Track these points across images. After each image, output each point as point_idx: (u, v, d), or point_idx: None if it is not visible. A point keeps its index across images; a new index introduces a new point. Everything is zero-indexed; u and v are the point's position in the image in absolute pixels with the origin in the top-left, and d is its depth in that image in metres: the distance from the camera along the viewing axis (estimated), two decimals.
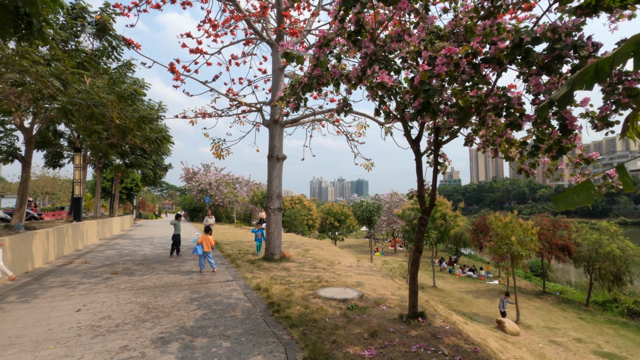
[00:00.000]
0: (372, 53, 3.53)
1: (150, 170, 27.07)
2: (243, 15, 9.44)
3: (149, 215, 53.84)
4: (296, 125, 10.90)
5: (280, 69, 10.38)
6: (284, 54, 3.86)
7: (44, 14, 5.51)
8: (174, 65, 8.47)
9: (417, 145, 4.81)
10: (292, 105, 5.30)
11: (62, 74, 7.67)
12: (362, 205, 26.74)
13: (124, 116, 10.82)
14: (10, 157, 10.95)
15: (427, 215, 4.76)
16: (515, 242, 15.76)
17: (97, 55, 12.25)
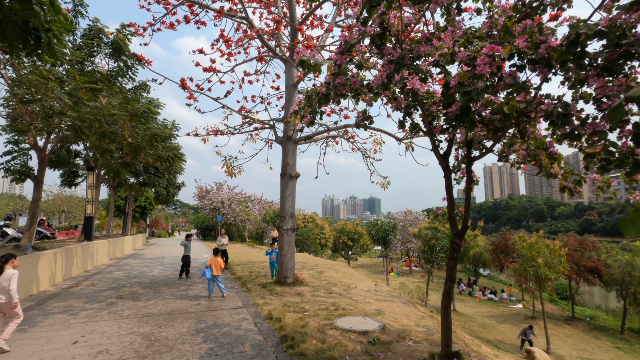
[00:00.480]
0: (399, 57, 3.13)
1: (163, 188, 27.12)
2: (256, 31, 9.30)
3: (162, 234, 53.96)
4: (310, 142, 10.55)
5: (294, 85, 10.14)
6: (300, 62, 3.50)
7: (53, 29, 5.37)
8: (184, 81, 8.31)
9: (446, 162, 4.33)
10: (306, 120, 4.92)
11: (73, 90, 7.58)
12: (377, 225, 25.95)
13: (136, 134, 10.72)
14: (23, 176, 10.91)
15: (460, 240, 4.22)
16: (542, 264, 14.78)
17: (113, 75, 12.35)
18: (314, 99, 3.83)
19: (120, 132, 10.46)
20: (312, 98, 3.89)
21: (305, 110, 5.13)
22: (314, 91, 3.84)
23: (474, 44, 2.83)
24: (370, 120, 4.41)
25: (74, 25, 6.09)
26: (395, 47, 3.43)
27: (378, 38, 3.24)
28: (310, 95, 3.88)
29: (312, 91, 3.88)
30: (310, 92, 3.88)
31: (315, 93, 3.77)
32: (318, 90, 3.71)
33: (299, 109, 5.13)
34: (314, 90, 3.84)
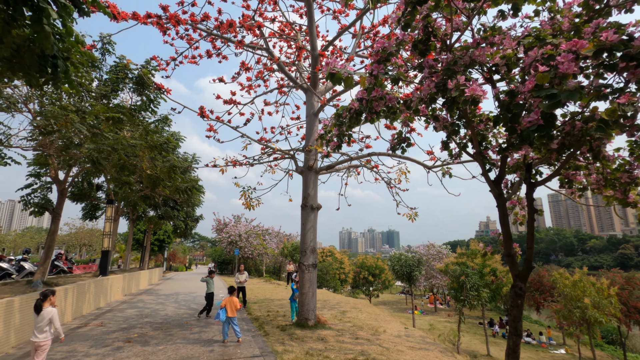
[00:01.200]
0: (450, 62, 2.64)
1: (181, 221, 26.97)
2: (277, 59, 9.18)
3: (179, 267, 53.49)
4: (331, 172, 10.07)
5: (315, 114, 9.86)
6: (330, 75, 3.06)
7: (72, 58, 5.23)
8: (204, 109, 8.14)
9: (499, 188, 3.69)
10: (333, 144, 4.44)
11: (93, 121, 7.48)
12: (401, 259, 24.66)
13: (154, 166, 10.55)
14: (41, 209, 10.83)
15: (524, 283, 3.47)
16: (590, 305, 13.26)
17: (136, 109, 12.50)
18: (345, 117, 3.35)
19: (139, 165, 10.32)
20: (341, 117, 3.42)
21: (331, 133, 4.66)
22: (345, 108, 3.37)
23: (547, 40, 2.32)
24: (408, 142, 3.88)
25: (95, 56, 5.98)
26: (440, 54, 2.95)
27: (421, 44, 2.78)
28: (340, 113, 3.40)
29: (342, 109, 3.41)
30: (340, 109, 3.41)
31: (346, 110, 3.29)
32: (350, 106, 3.24)
33: (324, 132, 4.67)
34: (345, 108, 3.37)
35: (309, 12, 9.50)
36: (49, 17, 3.31)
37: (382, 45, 2.76)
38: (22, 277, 14.24)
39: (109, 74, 11.64)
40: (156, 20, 9.04)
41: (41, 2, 3.18)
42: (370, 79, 2.88)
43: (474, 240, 23.67)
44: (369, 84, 2.91)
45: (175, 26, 8.88)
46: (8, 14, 3.44)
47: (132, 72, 11.87)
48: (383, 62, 2.81)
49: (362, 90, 3.27)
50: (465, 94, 2.40)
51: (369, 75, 2.87)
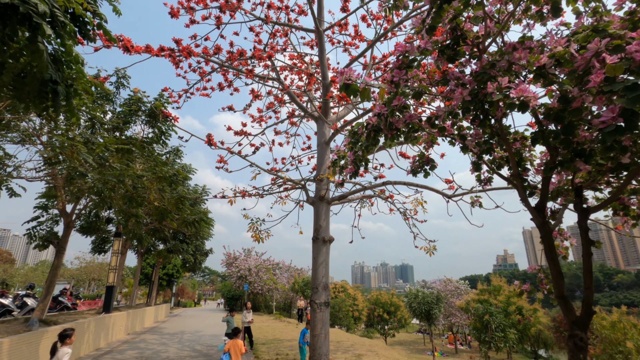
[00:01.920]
0: (487, 65, 2.25)
1: (190, 255, 26.43)
2: (287, 87, 9.06)
3: (188, 303, 52.09)
4: (344, 202, 9.59)
5: (326, 143, 9.57)
6: (344, 86, 2.71)
7: (76, 86, 5.09)
8: (211, 137, 7.93)
9: (542, 216, 3.17)
10: (349, 170, 4.04)
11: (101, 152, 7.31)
12: (418, 296, 23.30)
13: (162, 197, 10.28)
14: (46, 242, 10.56)
15: (585, 332, 2.84)
16: (634, 349, 11.92)
17: (147, 142, 12.51)
18: (362, 132, 2.95)
19: (147, 196, 10.08)
20: (358, 133, 3.02)
21: (345, 159, 4.29)
22: (361, 125, 2.98)
23: (609, 31, 1.93)
24: (432, 164, 3.44)
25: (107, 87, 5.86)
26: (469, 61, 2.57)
27: (449, 48, 2.42)
28: (356, 130, 3.01)
29: (357, 125, 3.02)
30: (356, 126, 3.02)
31: (362, 126, 2.90)
32: (367, 121, 2.85)
33: (338, 157, 4.28)
34: (361, 124, 2.98)
35: (320, 42, 9.50)
36: (44, 34, 3.13)
37: (404, 50, 2.41)
38: (24, 314, 13.75)
39: (122, 107, 11.77)
40: (169, 53, 9.15)
41: (34, 17, 2.99)
42: (391, 87, 2.50)
43: (494, 275, 22.31)
44: (391, 94, 2.53)
45: (187, 58, 8.94)
46: (3, 33, 3.29)
47: (144, 104, 12.00)
48: (405, 69, 2.45)
49: (380, 105, 2.89)
50: (511, 95, 1.98)
51: (388, 84, 2.51)
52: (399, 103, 2.46)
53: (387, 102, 2.54)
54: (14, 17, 3.09)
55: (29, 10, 2.98)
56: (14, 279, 48.88)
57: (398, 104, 2.47)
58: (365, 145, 3.26)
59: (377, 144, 3.25)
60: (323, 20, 9.44)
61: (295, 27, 9.90)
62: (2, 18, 3.12)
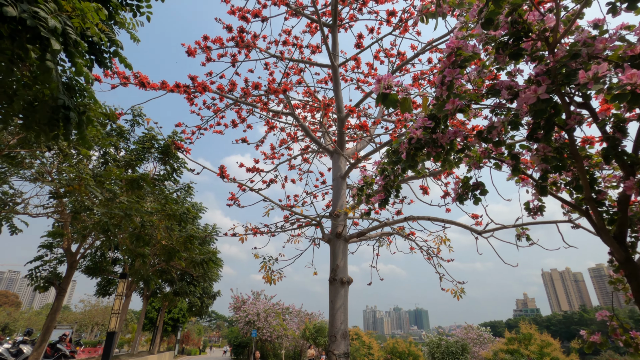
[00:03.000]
0: (568, 54, 1.87)
1: (197, 298, 25.37)
2: (304, 118, 8.89)
3: (193, 351, 49.44)
4: (362, 240, 8.98)
5: (342, 177, 9.19)
6: (381, 97, 2.34)
7: (89, 113, 4.91)
8: (224, 169, 7.63)
9: (625, 249, 2.62)
10: (378, 197, 3.61)
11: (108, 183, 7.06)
12: (441, 345, 21.50)
13: (170, 236, 9.85)
14: (47, 283, 10.05)
15: None
16: None
17: (158, 179, 12.38)
18: (402, 151, 2.52)
19: (155, 234, 9.68)
20: (399, 151, 2.59)
21: (372, 188, 3.86)
22: (401, 142, 2.56)
23: None
24: (482, 189, 2.97)
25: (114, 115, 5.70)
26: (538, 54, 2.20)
27: (512, 44, 2.05)
28: (397, 148, 2.59)
29: (397, 143, 2.61)
30: (396, 143, 2.60)
31: (406, 140, 2.48)
32: (410, 135, 2.43)
33: (365, 183, 3.84)
34: (401, 141, 2.57)
35: (335, 76, 9.47)
36: (53, 50, 2.91)
37: (456, 45, 2.05)
38: None
39: (136, 144, 11.78)
40: (184, 89, 9.20)
41: (42, 32, 2.79)
42: (441, 89, 2.12)
43: (523, 322, 20.64)
44: (442, 97, 2.13)
45: (202, 93, 8.95)
46: (12, 52, 3.11)
47: (158, 142, 12.00)
48: (458, 67, 2.08)
49: (423, 118, 2.50)
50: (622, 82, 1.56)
51: (439, 85, 2.13)
52: (453, 107, 2.06)
53: (437, 108, 2.13)
54: (23, 33, 2.91)
55: (37, 24, 2.79)
56: (17, 323, 47.52)
57: (453, 107, 2.06)
58: (403, 166, 2.83)
59: (416, 165, 2.81)
60: (337, 55, 9.47)
61: (310, 62, 9.96)
62: (11, 34, 2.95)
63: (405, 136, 2.51)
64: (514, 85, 2.43)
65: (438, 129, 2.32)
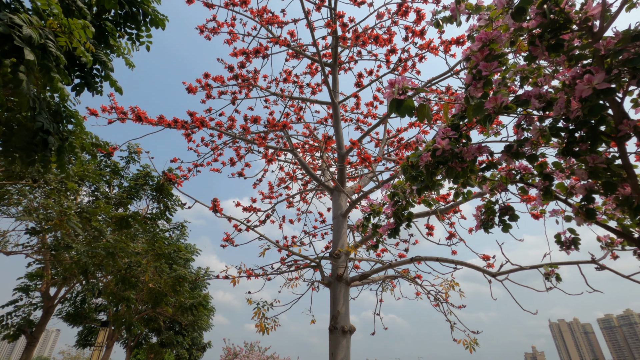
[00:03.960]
0: (628, 37, 1.56)
1: (185, 350, 23.49)
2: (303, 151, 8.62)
3: None
4: (365, 283, 8.30)
5: (343, 215, 8.73)
6: (394, 104, 2.02)
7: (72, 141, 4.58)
8: (217, 203, 7.18)
9: None
10: (386, 226, 3.22)
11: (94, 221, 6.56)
12: None
13: (158, 277, 9.13)
14: (18, 332, 9.10)
15: None
16: None
17: (150, 218, 11.86)
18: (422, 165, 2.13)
19: (141, 277, 8.98)
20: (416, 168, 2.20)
21: (377, 219, 3.48)
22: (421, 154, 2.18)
23: None
24: (512, 213, 2.55)
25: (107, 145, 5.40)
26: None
27: (550, 34, 1.76)
28: (416, 162, 2.20)
29: (415, 156, 2.23)
30: (414, 157, 2.22)
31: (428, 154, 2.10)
32: (433, 146, 2.05)
33: (372, 212, 3.43)
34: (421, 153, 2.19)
35: (335, 113, 9.39)
36: (27, 62, 2.62)
37: (488, 37, 1.75)
38: None
39: (129, 182, 11.42)
40: (182, 124, 9.04)
41: (16, 41, 2.51)
42: (475, 88, 1.78)
43: None
44: (473, 80, 1.78)
45: (200, 128, 8.78)
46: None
47: (152, 179, 11.66)
48: (493, 60, 1.76)
49: (445, 128, 2.15)
50: None
51: (472, 83, 1.79)
52: (496, 105, 1.69)
53: (474, 109, 1.77)
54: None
55: (10, 32, 2.53)
56: None
57: (495, 105, 1.70)
58: (418, 187, 2.43)
59: (434, 186, 2.42)
60: (337, 92, 9.47)
61: (310, 100, 9.95)
62: None
63: (425, 149, 2.14)
64: (545, 94, 2.12)
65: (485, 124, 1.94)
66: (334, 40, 9.34)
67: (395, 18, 8.99)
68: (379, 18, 9.14)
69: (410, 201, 3.04)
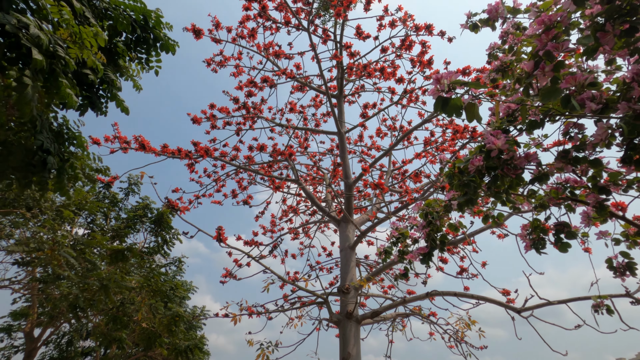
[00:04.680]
0: None
1: None
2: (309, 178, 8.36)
3: None
4: (377, 321, 7.70)
5: (351, 247, 8.33)
6: (440, 103, 1.80)
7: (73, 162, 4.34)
8: (222, 231, 6.79)
9: None
10: (418, 251, 2.93)
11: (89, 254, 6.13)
12: None
13: (153, 316, 8.50)
14: None
15: None
16: None
17: (148, 252, 11.34)
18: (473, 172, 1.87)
19: (135, 315, 8.36)
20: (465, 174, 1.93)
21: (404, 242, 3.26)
22: (471, 159, 1.92)
23: None
24: (569, 230, 2.26)
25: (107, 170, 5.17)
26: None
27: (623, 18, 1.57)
28: (465, 167, 1.93)
29: (465, 161, 1.97)
30: (462, 163, 1.96)
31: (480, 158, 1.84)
32: (488, 146, 1.80)
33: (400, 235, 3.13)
34: (472, 158, 1.93)
35: (341, 143, 9.29)
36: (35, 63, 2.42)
37: (552, 18, 1.55)
38: None
39: (128, 214, 11.04)
40: (185, 153, 8.87)
41: (22, 40, 2.34)
42: (543, 72, 1.56)
43: None
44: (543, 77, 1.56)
45: (204, 157, 8.60)
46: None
47: (151, 211, 11.28)
48: (552, 41, 1.55)
49: (494, 130, 1.92)
50: None
51: (540, 67, 1.57)
52: (577, 82, 1.46)
53: (547, 92, 1.54)
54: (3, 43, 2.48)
55: (18, 32, 2.37)
56: None
57: (577, 83, 1.45)
58: (461, 201, 2.16)
59: (474, 202, 2.14)
60: (343, 122, 9.43)
61: (316, 131, 9.91)
62: None
63: (475, 152, 1.89)
64: (596, 95, 1.91)
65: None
66: (339, 72, 9.45)
67: (399, 52, 9.14)
68: (383, 52, 9.30)
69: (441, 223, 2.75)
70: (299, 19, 7.73)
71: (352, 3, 7.60)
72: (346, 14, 8.10)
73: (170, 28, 5.18)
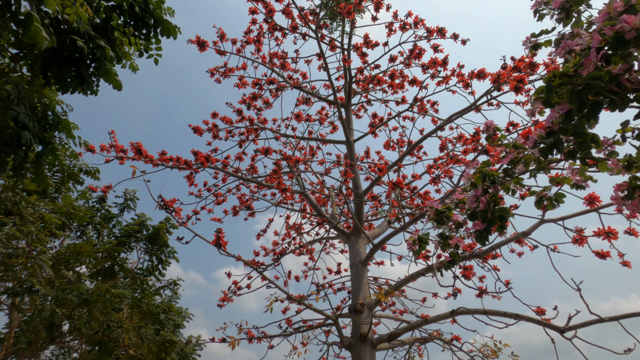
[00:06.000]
0: None
1: None
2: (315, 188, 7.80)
3: None
4: (394, 346, 6.82)
5: (362, 262, 7.61)
6: None
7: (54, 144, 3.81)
8: (222, 236, 6.10)
9: None
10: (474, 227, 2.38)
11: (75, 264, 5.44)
12: None
13: (141, 341, 7.60)
14: None
15: None
16: None
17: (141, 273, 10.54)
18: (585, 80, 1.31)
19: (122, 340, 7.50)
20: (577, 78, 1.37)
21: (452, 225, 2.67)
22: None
23: None
24: None
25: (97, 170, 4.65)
26: None
27: None
28: (575, 71, 1.37)
29: (575, 63, 1.42)
30: (572, 65, 1.40)
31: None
32: (620, 25, 1.26)
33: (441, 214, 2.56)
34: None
35: (350, 152, 8.85)
36: None
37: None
38: None
39: (122, 230, 10.35)
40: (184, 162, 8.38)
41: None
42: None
43: None
44: None
45: (204, 164, 8.09)
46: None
47: (147, 228, 10.59)
48: None
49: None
50: None
51: None
52: None
53: None
54: None
55: None
56: None
57: None
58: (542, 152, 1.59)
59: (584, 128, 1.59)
60: (352, 130, 9.01)
61: (324, 140, 9.48)
62: None
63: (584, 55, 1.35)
64: None
65: None
66: (347, 80, 9.14)
67: (407, 61, 8.86)
68: (392, 62, 9.02)
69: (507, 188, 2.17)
70: (307, 21, 7.48)
71: (364, 1, 7.39)
72: (354, 16, 7.89)
73: (172, 13, 4.83)
